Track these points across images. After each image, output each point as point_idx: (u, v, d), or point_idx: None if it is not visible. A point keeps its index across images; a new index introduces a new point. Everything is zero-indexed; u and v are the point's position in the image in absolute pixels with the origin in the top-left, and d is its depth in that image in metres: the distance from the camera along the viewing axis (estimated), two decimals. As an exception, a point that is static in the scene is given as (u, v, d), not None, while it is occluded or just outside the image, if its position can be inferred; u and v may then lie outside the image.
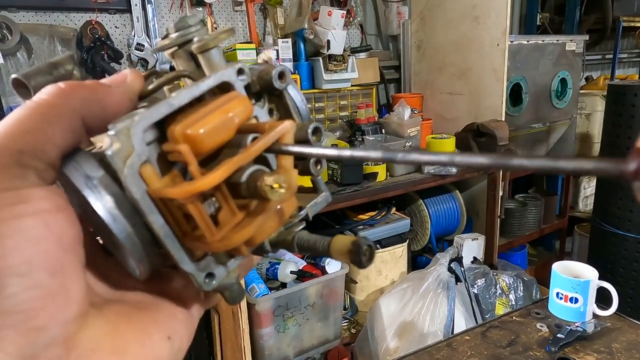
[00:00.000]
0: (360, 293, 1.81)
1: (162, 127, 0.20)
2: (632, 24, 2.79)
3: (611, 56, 2.90)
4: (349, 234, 1.76)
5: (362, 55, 2.18)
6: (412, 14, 2.25)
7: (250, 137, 0.21)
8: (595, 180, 2.31)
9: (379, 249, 1.75)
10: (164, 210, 0.20)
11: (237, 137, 0.21)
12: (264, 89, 0.24)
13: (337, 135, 1.96)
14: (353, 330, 1.75)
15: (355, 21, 2.19)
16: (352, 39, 2.29)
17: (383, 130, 1.97)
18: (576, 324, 0.92)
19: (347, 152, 0.20)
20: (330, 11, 1.93)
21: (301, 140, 0.23)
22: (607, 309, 0.95)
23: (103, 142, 0.19)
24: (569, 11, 2.69)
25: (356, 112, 2.05)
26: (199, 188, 0.18)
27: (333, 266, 1.59)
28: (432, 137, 1.81)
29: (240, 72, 0.23)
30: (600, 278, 0.96)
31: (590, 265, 2.10)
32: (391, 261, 1.80)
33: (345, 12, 1.98)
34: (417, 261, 2.07)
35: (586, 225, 2.51)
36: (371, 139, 1.88)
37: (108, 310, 0.21)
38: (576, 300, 0.94)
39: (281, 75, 0.24)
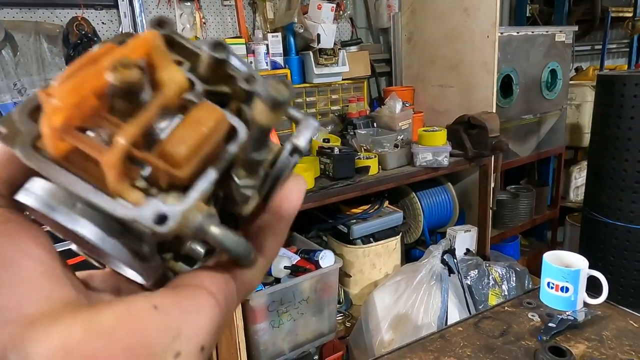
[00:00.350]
0: (354, 287, 1.82)
1: None
2: (621, 14, 2.80)
3: (600, 47, 2.92)
4: (343, 228, 1.76)
5: (353, 48, 2.18)
6: (402, 7, 2.24)
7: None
8: (585, 171, 2.33)
9: (371, 242, 1.76)
10: (73, 169, 0.19)
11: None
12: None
13: (329, 129, 1.96)
14: (348, 324, 1.76)
15: (345, 14, 2.19)
16: (343, 33, 2.28)
17: (375, 124, 1.98)
18: (567, 313, 0.92)
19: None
20: (320, 5, 1.92)
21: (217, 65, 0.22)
22: (597, 298, 0.96)
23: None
24: (558, 2, 2.69)
25: (347, 106, 2.05)
26: (53, 110, 0.17)
27: (327, 260, 1.59)
28: (424, 130, 1.82)
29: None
30: (591, 267, 0.97)
31: (582, 255, 2.13)
32: (385, 254, 1.81)
33: (335, 5, 1.97)
34: (411, 254, 2.08)
35: (577, 215, 2.53)
36: (363, 132, 1.88)
37: (98, 303, 0.19)
38: (567, 290, 0.95)
39: None
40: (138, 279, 0.21)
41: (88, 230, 0.19)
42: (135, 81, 0.18)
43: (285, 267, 1.53)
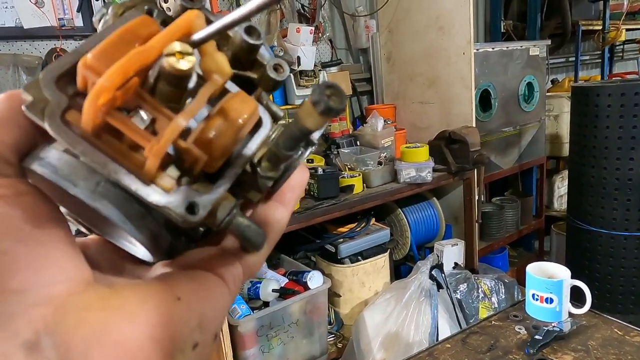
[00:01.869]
0: (344, 306, 1.80)
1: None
2: (591, 27, 2.90)
3: (574, 59, 3.01)
4: (330, 247, 1.76)
5: (333, 69, 2.21)
6: (380, 27, 2.29)
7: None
8: (567, 180, 2.37)
9: (359, 260, 1.76)
10: (108, 150, 0.18)
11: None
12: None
13: (312, 149, 1.97)
14: (339, 345, 1.74)
15: (325, 36, 2.22)
16: (323, 54, 2.32)
17: (358, 143, 1.99)
18: (553, 324, 0.93)
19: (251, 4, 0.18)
20: (298, 28, 1.96)
21: (248, 49, 0.21)
22: (581, 307, 0.97)
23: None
24: (531, 17, 2.78)
25: (330, 125, 2.07)
26: (100, 87, 0.17)
27: (315, 281, 1.58)
28: (406, 147, 1.84)
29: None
30: (577, 275, 0.98)
31: (568, 263, 2.14)
32: (373, 272, 1.80)
33: (313, 28, 2.01)
34: (401, 270, 2.08)
35: (562, 224, 2.56)
36: (346, 151, 1.89)
37: (118, 285, 0.19)
38: (551, 301, 0.95)
39: None
40: (142, 255, 0.20)
41: (110, 210, 0.19)
42: (191, 70, 0.18)
43: (274, 290, 1.51)
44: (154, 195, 0.18)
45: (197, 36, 0.19)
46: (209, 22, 0.21)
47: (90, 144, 0.18)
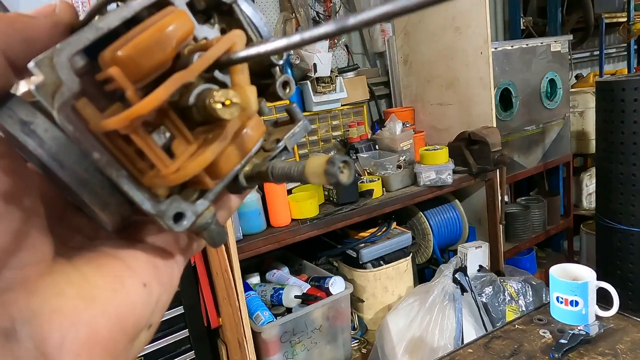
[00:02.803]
0: (368, 311, 1.80)
1: (97, 58, 0.18)
2: (615, 20, 2.81)
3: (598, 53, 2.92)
4: (352, 253, 1.76)
5: (350, 74, 2.22)
6: (395, 30, 2.29)
7: (197, 55, 0.19)
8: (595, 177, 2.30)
9: (382, 265, 1.75)
10: (112, 148, 0.18)
11: (181, 60, 0.19)
12: (210, 6, 0.22)
13: (332, 155, 1.98)
14: (364, 350, 1.73)
15: (340, 42, 2.24)
16: (339, 60, 2.33)
17: (376, 147, 1.99)
18: (579, 328, 0.91)
19: (296, 37, 0.18)
20: (314, 35, 1.97)
21: (267, 63, 0.21)
22: (609, 310, 0.94)
23: (21, 86, 0.18)
24: (551, 13, 2.72)
25: (348, 131, 2.07)
26: (137, 112, 0.16)
27: (337, 286, 1.58)
28: (425, 149, 1.82)
29: None
30: (608, 275, 0.96)
31: (598, 263, 2.08)
32: (396, 277, 1.79)
33: (328, 35, 2.02)
34: (425, 274, 2.06)
35: (591, 223, 2.48)
36: (365, 156, 1.90)
37: (77, 259, 0.19)
38: (577, 304, 0.93)
39: None
40: (105, 223, 0.20)
41: (91, 198, 0.19)
42: (230, 120, 0.18)
43: (296, 297, 1.52)
44: (147, 204, 0.19)
45: (233, 56, 0.19)
46: (249, 41, 0.21)
47: (97, 141, 0.18)
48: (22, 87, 0.18)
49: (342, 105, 2.11)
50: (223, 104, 0.18)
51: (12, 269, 0.17)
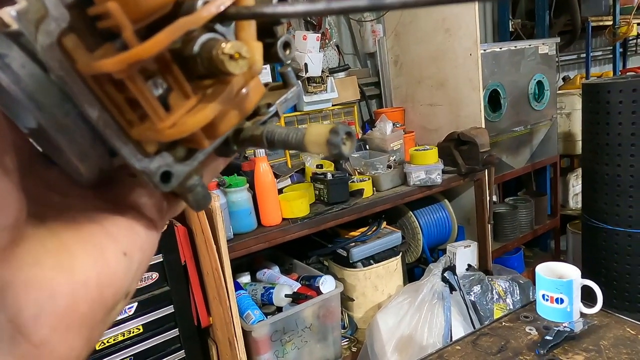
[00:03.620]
0: (358, 310, 1.81)
1: None
2: (601, 23, 2.86)
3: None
4: (342, 252, 1.77)
5: (341, 74, 2.23)
6: (386, 31, 2.30)
7: (201, 1, 0.17)
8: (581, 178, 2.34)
9: (372, 264, 1.76)
10: (101, 94, 0.17)
11: (185, 4, 0.17)
12: None
13: (322, 155, 1.99)
14: (354, 349, 1.75)
15: (331, 43, 2.24)
16: (330, 60, 2.34)
17: (367, 147, 2.00)
18: (564, 325, 0.92)
19: (320, 5, 0.16)
20: (305, 35, 1.98)
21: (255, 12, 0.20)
22: (593, 307, 0.96)
23: (4, 16, 0.16)
24: (539, 15, 2.76)
25: (339, 130, 2.08)
26: (137, 55, 0.15)
27: (327, 285, 1.59)
28: (415, 150, 1.84)
29: None
30: (594, 274, 0.98)
31: (584, 262, 2.11)
32: (386, 276, 1.80)
33: (320, 35, 2.03)
34: (414, 273, 2.08)
35: (578, 223, 2.52)
36: (355, 155, 1.91)
37: (52, 222, 0.18)
38: (562, 301, 0.95)
39: None
40: (81, 176, 0.19)
41: (70, 146, 0.17)
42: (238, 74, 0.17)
43: (286, 295, 1.53)
44: (135, 160, 0.18)
45: (244, 10, 0.18)
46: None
47: (84, 84, 0.16)
48: (2, 14, 0.16)
49: (333, 105, 2.12)
50: (231, 56, 0.16)
51: None
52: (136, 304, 1.32)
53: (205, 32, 0.17)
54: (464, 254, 1.90)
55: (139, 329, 1.34)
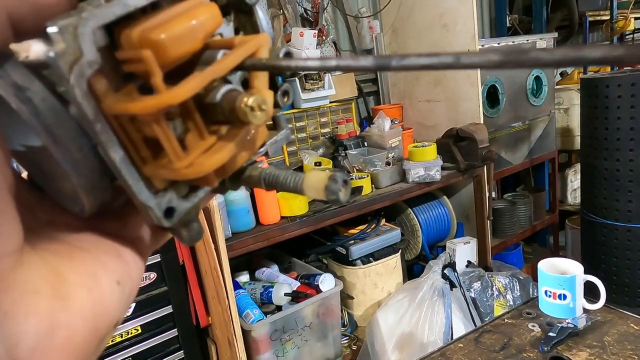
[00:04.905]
0: (358, 308, 1.80)
1: (111, 35, 0.17)
2: (598, 18, 2.86)
3: (583, 50, 2.96)
4: (341, 250, 1.76)
5: (338, 71, 2.21)
6: (383, 27, 2.29)
7: (221, 52, 0.19)
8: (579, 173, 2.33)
9: (371, 261, 1.75)
10: (120, 132, 0.17)
11: (205, 54, 0.19)
12: (231, 3, 0.21)
13: (320, 152, 1.97)
14: (354, 347, 1.74)
15: (328, 39, 2.23)
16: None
17: (365, 144, 1.99)
18: (567, 321, 0.92)
19: (332, 62, 0.17)
20: (302, 32, 1.96)
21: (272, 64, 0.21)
22: (596, 303, 0.95)
23: (30, 49, 0.16)
24: (536, 11, 2.75)
25: (337, 128, 2.07)
26: (168, 101, 0.16)
27: (327, 284, 1.58)
28: (414, 146, 1.83)
29: None
30: (594, 270, 0.97)
31: (584, 258, 2.11)
32: (386, 273, 1.79)
33: (317, 31, 2.01)
34: (414, 270, 2.07)
35: (576, 218, 2.52)
36: (354, 153, 1.89)
37: (43, 250, 0.17)
38: (564, 297, 0.94)
39: None
40: (82, 208, 0.19)
41: (80, 179, 0.18)
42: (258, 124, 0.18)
43: (286, 294, 1.52)
44: (143, 195, 0.18)
45: (255, 61, 0.19)
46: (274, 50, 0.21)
47: (108, 122, 0.17)
48: (34, 49, 0.17)
49: (330, 102, 2.10)
50: (252, 108, 0.17)
51: None
52: (134, 304, 1.31)
53: (223, 82, 0.19)
54: (464, 251, 1.89)
55: (137, 330, 1.33)
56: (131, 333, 1.32)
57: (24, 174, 0.21)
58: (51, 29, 0.15)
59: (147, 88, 0.17)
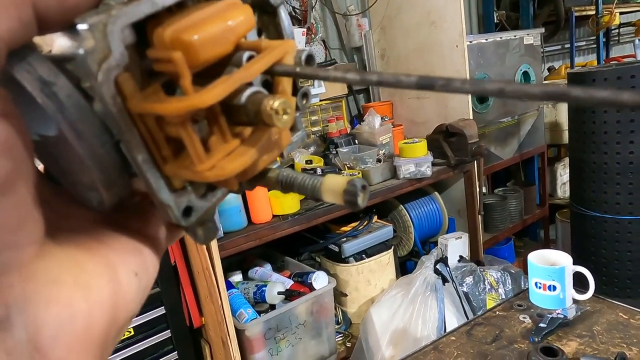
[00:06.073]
0: (351, 305, 1.80)
1: (139, 32, 0.17)
2: (584, 13, 2.89)
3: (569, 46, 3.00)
4: (334, 247, 1.76)
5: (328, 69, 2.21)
6: (372, 25, 2.30)
7: (246, 54, 0.18)
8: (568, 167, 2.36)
9: (364, 258, 1.76)
10: (143, 130, 0.17)
11: (234, 58, 0.18)
12: (256, 4, 0.21)
13: (311, 150, 1.98)
14: (348, 344, 1.74)
15: (317, 37, 2.23)
16: (316, 55, 2.32)
17: (356, 141, 2.00)
18: (557, 312, 0.93)
19: (373, 77, 0.17)
20: (290, 30, 1.96)
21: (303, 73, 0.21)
22: (585, 293, 0.96)
23: (54, 44, 0.16)
24: (523, 6, 2.77)
25: (327, 126, 2.07)
26: (196, 104, 0.16)
27: (320, 281, 1.58)
28: (404, 143, 1.84)
29: None
30: (584, 261, 0.98)
31: (574, 250, 2.13)
32: (379, 270, 1.80)
33: (305, 29, 2.02)
34: (407, 266, 2.08)
35: (566, 212, 2.55)
36: (345, 150, 1.90)
37: (62, 241, 0.18)
38: (554, 288, 0.95)
39: None
40: (100, 203, 0.19)
41: (100, 175, 0.18)
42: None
43: (279, 293, 1.52)
44: (163, 193, 0.18)
45: (286, 68, 0.19)
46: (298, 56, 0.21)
47: (132, 120, 0.17)
48: (58, 43, 0.16)
49: (320, 101, 2.11)
50: (277, 111, 0.17)
51: (9, 249, 0.15)
52: (126, 306, 1.30)
53: (248, 85, 0.19)
54: (456, 246, 1.91)
55: (130, 332, 1.32)
56: (124, 335, 1.31)
57: (40, 167, 0.21)
58: (81, 26, 0.15)
59: (171, 85, 0.17)
